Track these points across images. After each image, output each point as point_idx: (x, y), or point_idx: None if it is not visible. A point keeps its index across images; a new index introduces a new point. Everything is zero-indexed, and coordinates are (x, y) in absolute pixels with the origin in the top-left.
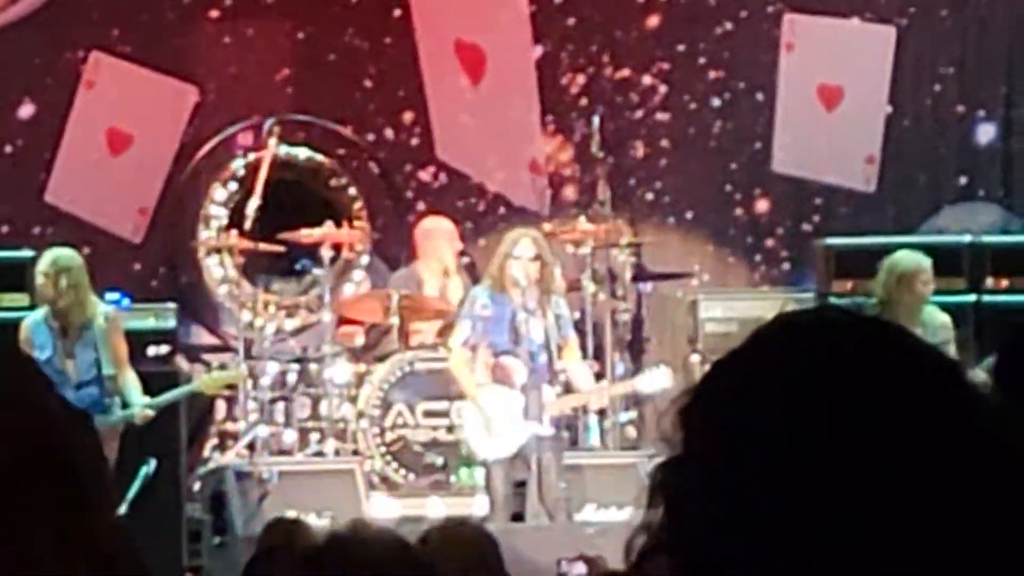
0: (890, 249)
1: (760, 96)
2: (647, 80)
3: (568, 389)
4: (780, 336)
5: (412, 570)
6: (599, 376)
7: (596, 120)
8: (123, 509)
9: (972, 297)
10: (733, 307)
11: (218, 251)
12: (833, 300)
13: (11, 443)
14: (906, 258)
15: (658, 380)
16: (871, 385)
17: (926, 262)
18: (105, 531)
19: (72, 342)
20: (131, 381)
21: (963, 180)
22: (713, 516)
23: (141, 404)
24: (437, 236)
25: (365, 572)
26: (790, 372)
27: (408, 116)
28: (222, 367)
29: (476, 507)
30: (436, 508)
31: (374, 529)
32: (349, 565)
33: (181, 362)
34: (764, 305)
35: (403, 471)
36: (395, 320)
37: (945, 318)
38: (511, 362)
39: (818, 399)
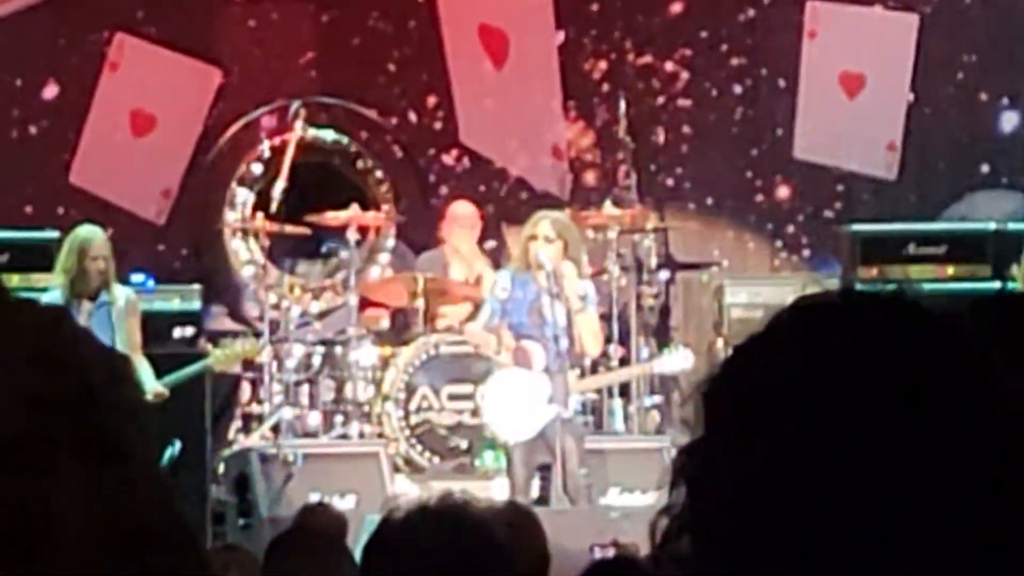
0: (916, 236)
1: (782, 83)
2: (669, 66)
3: (583, 371)
4: (801, 318)
5: (486, 549)
6: (624, 361)
7: (623, 105)
8: None
9: (997, 284)
10: (759, 292)
11: (244, 233)
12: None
13: (34, 403)
14: None
15: (678, 361)
16: (894, 366)
17: None
18: (135, 490)
19: (89, 320)
20: (143, 366)
21: (986, 168)
22: (734, 497)
23: (153, 383)
24: (454, 221)
25: (437, 551)
26: (811, 353)
27: (431, 100)
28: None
29: (496, 490)
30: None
31: (448, 505)
32: (420, 542)
33: (206, 345)
34: (789, 291)
35: (428, 454)
36: (420, 303)
37: None
38: (531, 345)
39: (839, 380)
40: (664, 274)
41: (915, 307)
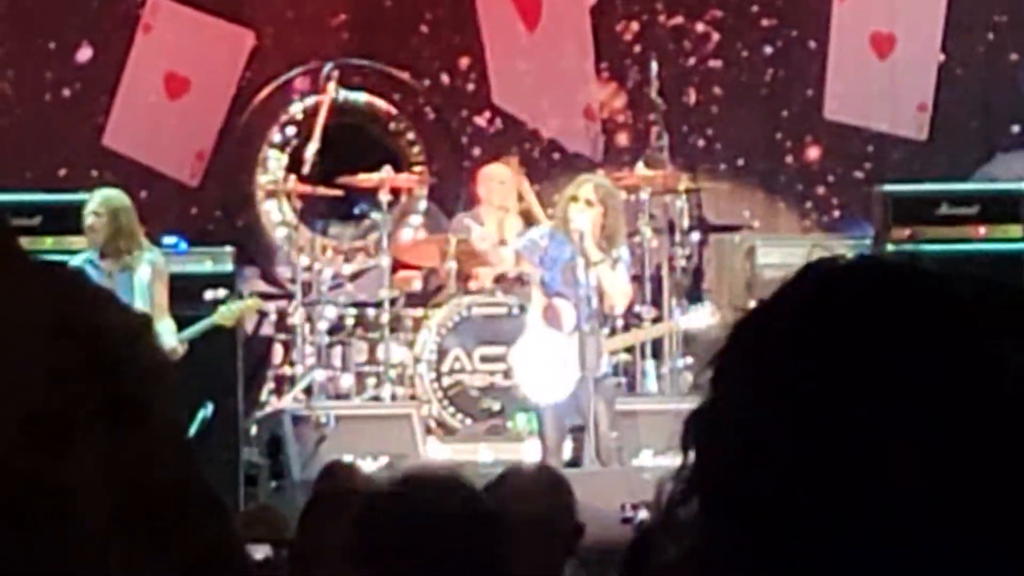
0: (948, 196)
1: (812, 44)
2: (700, 27)
3: (613, 331)
4: (811, 284)
5: (475, 518)
6: (656, 323)
7: (654, 66)
8: None
9: None
10: (791, 253)
11: (276, 195)
12: (891, 247)
13: (52, 374)
14: None
15: (701, 317)
16: (899, 333)
17: None
18: (156, 456)
19: (113, 285)
20: (166, 327)
21: (1016, 128)
22: (740, 463)
23: (168, 340)
24: (491, 181)
25: (426, 519)
26: (817, 320)
27: (464, 62)
28: (240, 296)
29: (528, 452)
30: (487, 453)
31: (439, 475)
32: (411, 511)
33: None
34: (822, 252)
35: (460, 416)
36: (452, 265)
37: None
38: (562, 305)
39: (845, 347)
40: (696, 235)
41: (925, 273)
